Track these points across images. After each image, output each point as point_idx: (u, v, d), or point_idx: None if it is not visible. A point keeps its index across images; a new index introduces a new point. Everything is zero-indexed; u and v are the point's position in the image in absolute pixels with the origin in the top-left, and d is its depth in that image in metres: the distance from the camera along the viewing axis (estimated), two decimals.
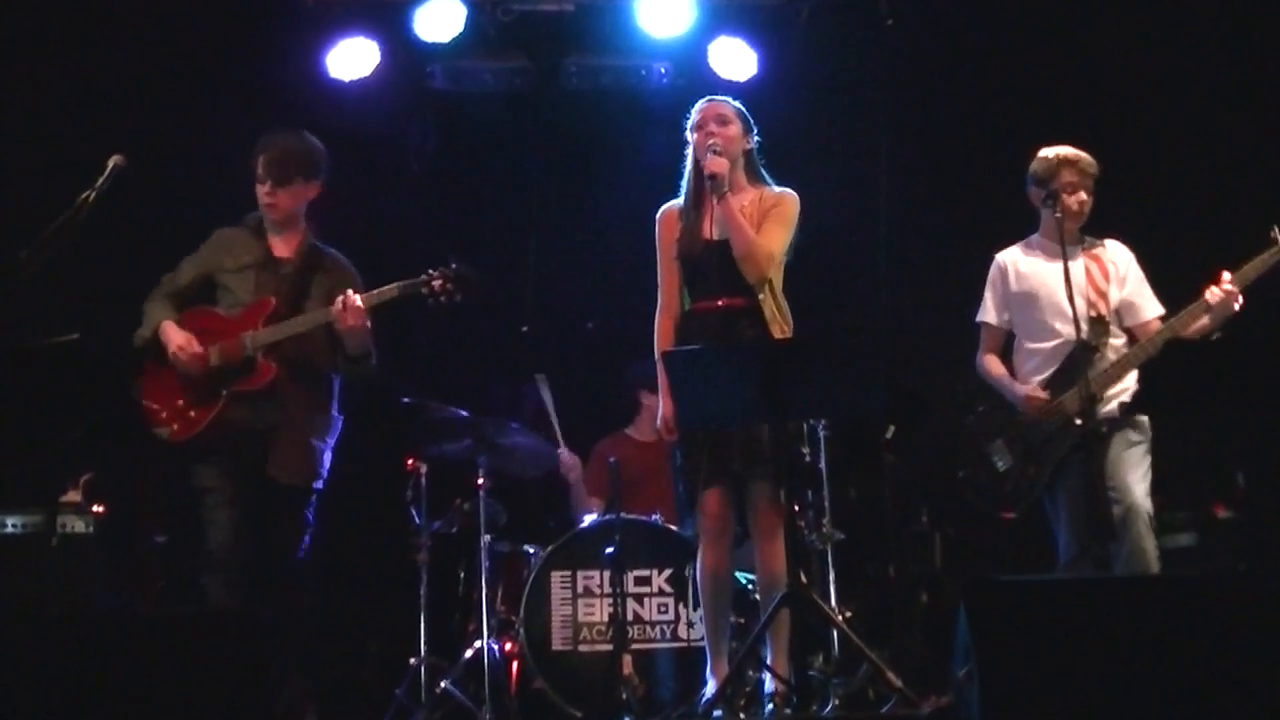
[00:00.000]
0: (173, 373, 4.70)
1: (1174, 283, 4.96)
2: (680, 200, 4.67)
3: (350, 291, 4.64)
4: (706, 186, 4.48)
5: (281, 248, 4.87)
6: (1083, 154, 4.91)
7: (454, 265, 4.73)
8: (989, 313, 5.05)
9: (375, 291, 4.70)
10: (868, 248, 6.75)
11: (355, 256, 4.92)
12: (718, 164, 4.43)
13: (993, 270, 5.07)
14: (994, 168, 5.92)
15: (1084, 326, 4.70)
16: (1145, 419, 4.75)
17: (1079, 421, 4.60)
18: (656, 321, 4.64)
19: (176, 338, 4.70)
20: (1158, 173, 6.34)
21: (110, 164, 4.18)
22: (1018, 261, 5.02)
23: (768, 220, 4.50)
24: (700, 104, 4.66)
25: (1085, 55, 6.58)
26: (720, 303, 4.47)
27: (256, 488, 4.66)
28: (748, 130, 4.62)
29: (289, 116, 4.68)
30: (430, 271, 4.72)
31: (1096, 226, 5.00)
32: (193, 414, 4.67)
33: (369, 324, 4.66)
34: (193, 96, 6.22)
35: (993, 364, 5.03)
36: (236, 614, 4.14)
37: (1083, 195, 4.86)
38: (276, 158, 4.78)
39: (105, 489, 5.36)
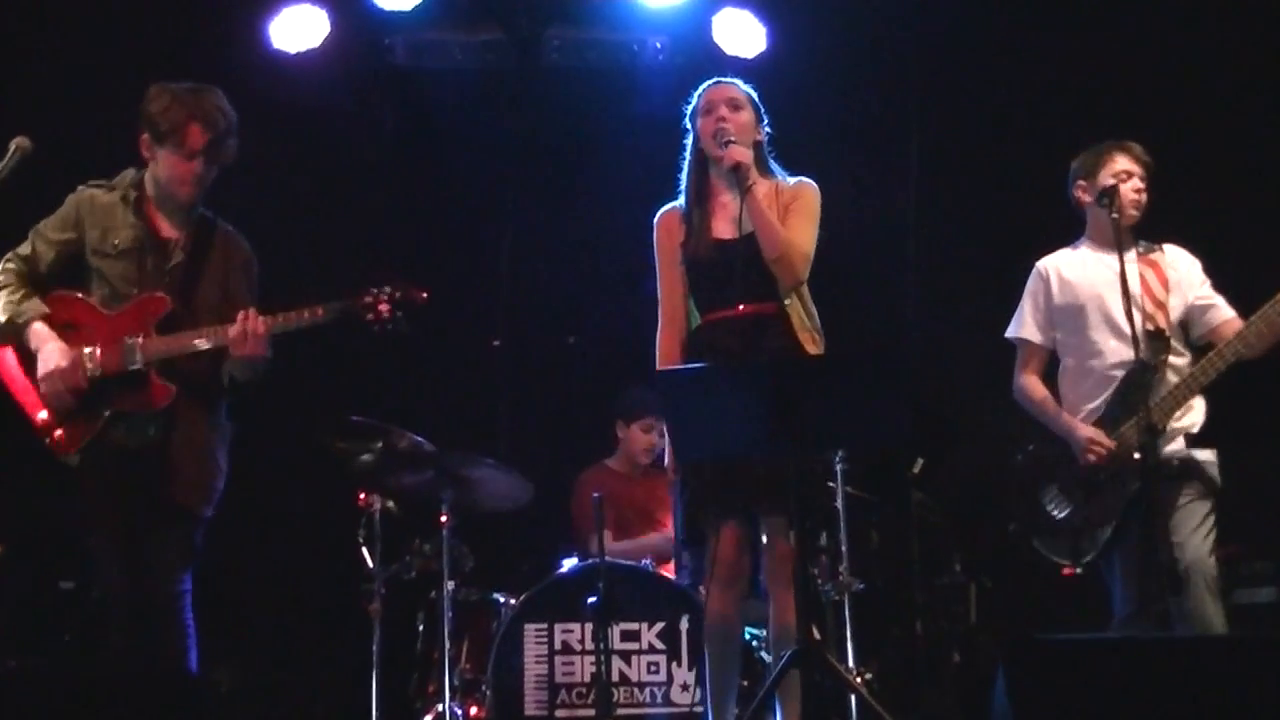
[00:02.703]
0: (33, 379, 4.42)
1: (1240, 299, 4.94)
2: (680, 200, 4.64)
3: (252, 312, 4.36)
4: (727, 178, 4.45)
5: (168, 226, 4.55)
6: (1133, 143, 4.92)
7: (400, 287, 4.49)
8: (1028, 328, 5.02)
9: (287, 315, 4.41)
10: (894, 253, 6.75)
11: (299, 259, 4.87)
12: (740, 153, 4.40)
13: (1033, 279, 5.05)
14: (1039, 162, 5.90)
15: (1141, 343, 4.67)
16: (1212, 459, 4.71)
17: (1138, 456, 4.57)
18: (658, 340, 4.59)
19: (57, 357, 4.37)
20: (1228, 172, 6.34)
21: (12, 146, 4.14)
22: (1061, 268, 4.99)
23: (791, 215, 4.48)
24: (707, 87, 4.64)
25: (1146, 29, 6.56)
26: (741, 309, 4.44)
27: (146, 515, 4.40)
28: (759, 120, 4.62)
29: (228, 91, 4.62)
30: (373, 291, 4.47)
31: (1151, 233, 4.99)
32: (61, 432, 4.41)
33: (269, 354, 4.41)
34: (117, 68, 6.20)
35: (1035, 388, 4.99)
36: (156, 672, 4.12)
37: (1139, 183, 4.85)
38: (224, 134, 4.48)
39: (3, 527, 5.32)
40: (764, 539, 4.40)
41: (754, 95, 4.62)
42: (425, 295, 4.52)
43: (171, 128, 4.45)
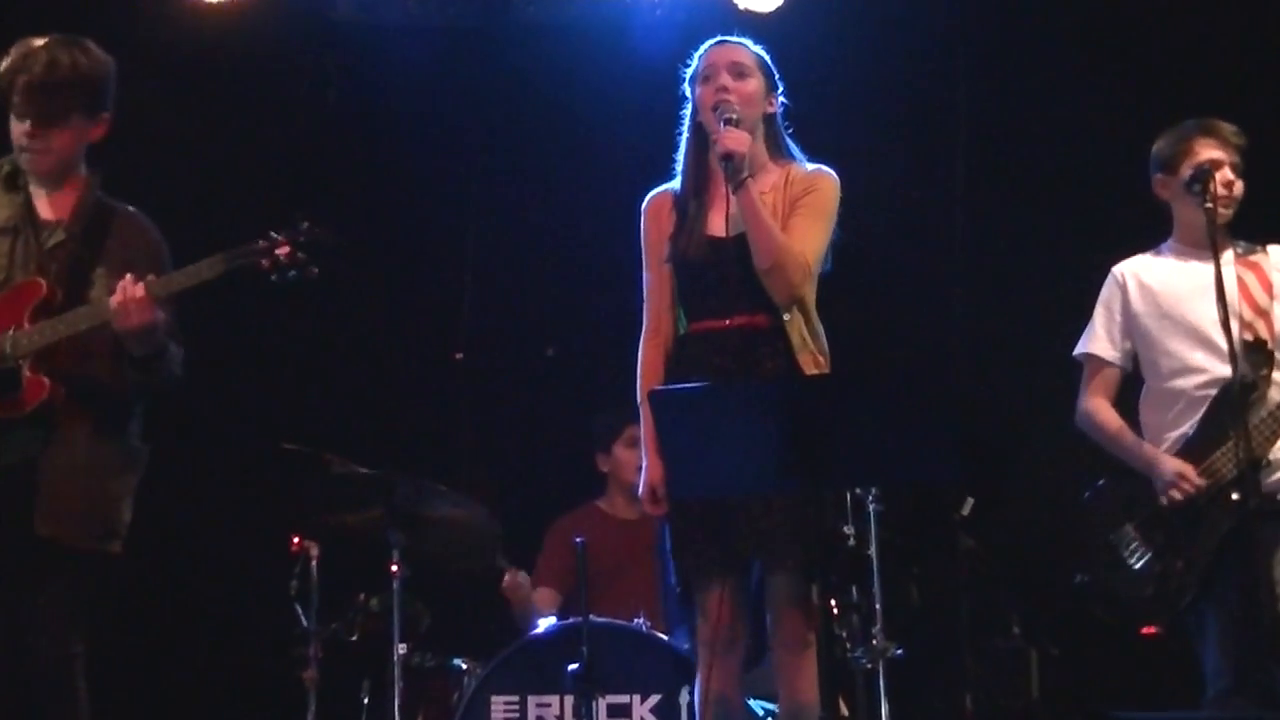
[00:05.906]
0: None
1: None
2: (675, 183, 4.64)
3: (130, 277, 4.35)
4: (719, 167, 4.44)
5: (50, 206, 4.58)
6: (1222, 123, 4.90)
7: (305, 227, 4.46)
8: (1099, 342, 5.01)
9: (173, 275, 4.43)
10: (938, 250, 6.74)
11: (226, 244, 4.83)
12: (735, 139, 4.38)
13: (1108, 286, 5.04)
14: (1117, 141, 5.90)
15: (1239, 356, 4.64)
16: None
17: (1236, 496, 4.56)
18: (641, 349, 4.60)
19: None
20: None
21: None
22: (1141, 273, 4.98)
23: (798, 212, 4.47)
24: (707, 48, 4.62)
25: None
26: (730, 322, 4.44)
27: (23, 558, 4.35)
28: (771, 88, 4.60)
29: (134, 50, 4.61)
30: (272, 235, 4.46)
31: (1252, 232, 4.98)
32: None
33: (159, 317, 4.39)
34: (12, 20, 6.21)
35: (1106, 414, 4.98)
36: None
37: (1229, 174, 4.84)
38: (42, 82, 4.42)
39: None
40: (769, 597, 4.38)
41: (765, 58, 4.61)
42: (337, 240, 4.50)
43: (8, 87, 4.47)
